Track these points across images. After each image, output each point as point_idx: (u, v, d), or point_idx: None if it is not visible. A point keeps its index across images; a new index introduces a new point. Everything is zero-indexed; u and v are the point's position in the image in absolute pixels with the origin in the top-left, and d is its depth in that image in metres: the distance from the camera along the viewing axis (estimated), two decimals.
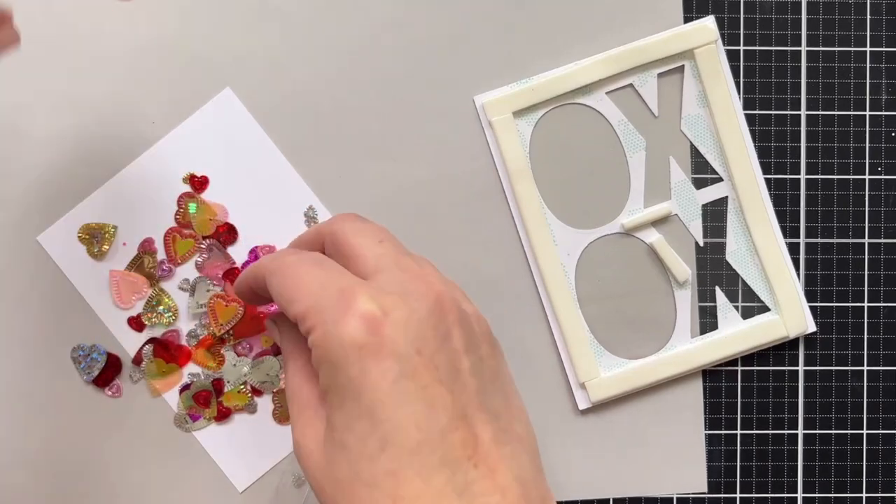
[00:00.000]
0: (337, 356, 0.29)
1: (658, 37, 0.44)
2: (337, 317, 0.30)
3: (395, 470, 0.29)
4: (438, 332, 0.30)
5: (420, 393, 0.29)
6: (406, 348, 0.29)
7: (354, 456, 0.29)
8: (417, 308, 0.30)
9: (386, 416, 0.29)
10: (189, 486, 0.43)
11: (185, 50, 0.43)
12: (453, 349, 0.31)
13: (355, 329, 0.29)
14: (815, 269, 0.44)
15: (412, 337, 0.30)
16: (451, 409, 0.30)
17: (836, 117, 0.44)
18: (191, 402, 0.43)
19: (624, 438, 0.44)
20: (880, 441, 0.44)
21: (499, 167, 0.44)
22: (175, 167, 0.43)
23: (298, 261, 0.33)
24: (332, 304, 0.30)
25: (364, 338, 0.29)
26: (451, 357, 0.30)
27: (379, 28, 0.44)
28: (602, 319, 0.44)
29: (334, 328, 0.30)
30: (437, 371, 0.30)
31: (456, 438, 0.29)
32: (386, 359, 0.29)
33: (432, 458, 0.29)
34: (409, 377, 0.29)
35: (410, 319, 0.30)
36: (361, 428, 0.29)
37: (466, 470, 0.29)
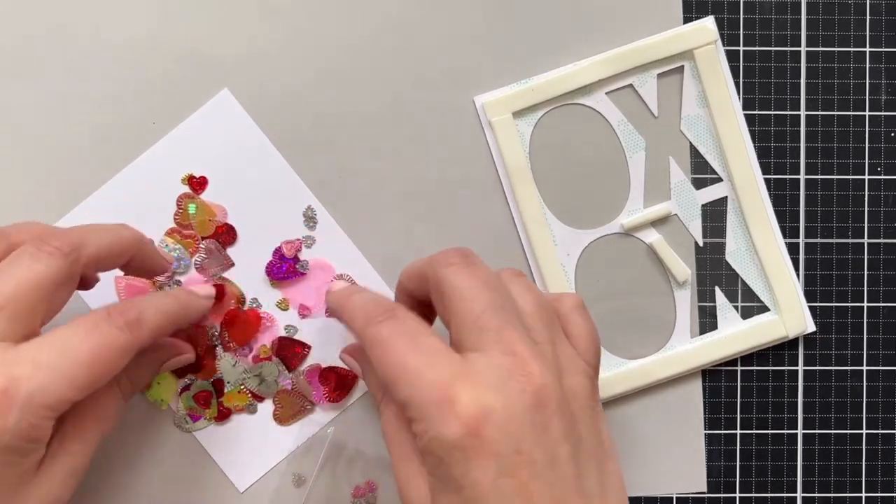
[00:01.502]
0: (440, 454, 0.30)
1: (658, 37, 0.44)
2: (440, 417, 0.30)
3: None
4: (537, 427, 0.31)
5: (519, 490, 0.30)
6: (506, 448, 0.30)
7: None
8: (517, 405, 0.31)
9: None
10: (190, 487, 0.43)
11: (182, 51, 0.43)
12: (552, 440, 0.31)
13: (457, 433, 0.30)
14: (814, 269, 0.44)
15: (512, 436, 0.30)
16: (550, 498, 0.30)
17: (836, 117, 0.44)
18: (191, 402, 0.43)
19: (624, 438, 0.44)
20: (879, 441, 0.44)
21: (499, 167, 0.44)
22: (174, 168, 0.43)
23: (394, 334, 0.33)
24: (434, 401, 0.30)
25: (466, 440, 0.30)
26: (550, 448, 0.31)
27: (379, 28, 0.44)
28: (602, 319, 0.44)
29: (437, 428, 0.30)
30: (535, 466, 0.30)
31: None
32: (487, 459, 0.30)
33: None
34: (508, 475, 0.30)
35: (510, 419, 0.30)
36: None
37: None
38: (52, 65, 0.43)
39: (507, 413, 0.30)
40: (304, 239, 0.43)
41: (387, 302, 0.35)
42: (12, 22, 0.43)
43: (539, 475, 0.30)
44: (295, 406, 0.43)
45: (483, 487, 0.30)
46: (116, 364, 0.33)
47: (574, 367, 0.33)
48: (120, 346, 0.33)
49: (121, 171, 0.43)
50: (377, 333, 0.33)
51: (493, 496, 0.30)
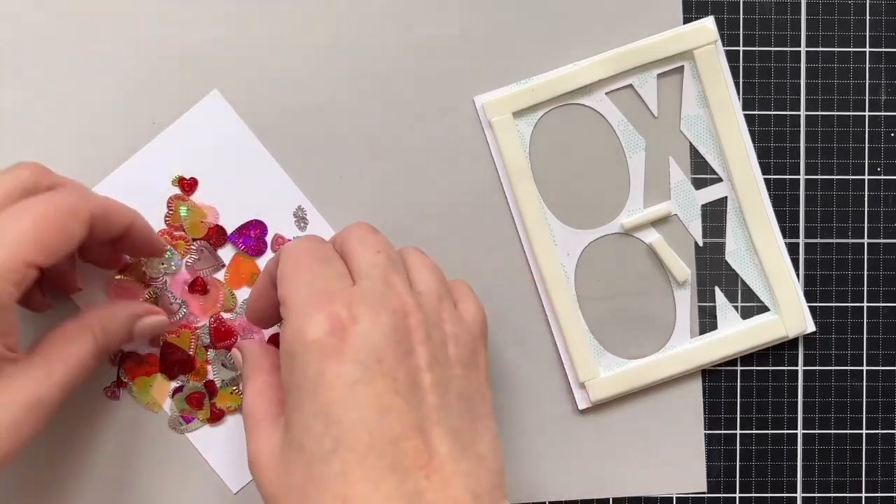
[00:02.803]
0: (298, 351, 0.31)
1: (658, 37, 0.44)
2: (308, 314, 0.31)
3: (344, 472, 0.30)
4: (401, 347, 0.32)
5: (375, 400, 0.30)
6: (366, 356, 0.31)
7: (309, 457, 0.30)
8: (385, 322, 0.32)
9: (339, 417, 0.30)
10: (183, 488, 0.43)
11: (171, 52, 0.43)
12: (415, 365, 0.32)
13: (319, 328, 0.31)
14: (814, 270, 0.45)
15: (374, 346, 0.31)
16: (406, 419, 0.31)
17: (836, 118, 0.45)
18: (184, 404, 0.43)
19: (623, 438, 0.44)
20: (879, 441, 0.44)
21: (499, 167, 0.44)
22: (164, 170, 0.43)
23: (307, 250, 0.34)
24: (311, 301, 0.32)
25: (326, 339, 0.31)
26: (412, 372, 0.32)
27: (378, 28, 0.44)
28: (602, 319, 0.44)
29: (302, 324, 0.31)
30: (394, 382, 0.31)
31: (408, 447, 0.30)
32: (345, 363, 0.30)
33: (381, 463, 0.30)
34: (365, 383, 0.30)
35: (375, 330, 0.31)
36: (317, 427, 0.30)
37: (417, 479, 0.30)
38: (46, 65, 0.43)
39: (373, 324, 0.31)
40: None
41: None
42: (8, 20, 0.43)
43: (398, 392, 0.31)
44: None
45: (337, 391, 0.30)
46: (69, 228, 0.34)
47: (457, 322, 0.34)
48: (71, 210, 0.34)
49: (110, 173, 0.43)
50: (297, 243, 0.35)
51: (347, 401, 0.30)
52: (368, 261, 0.34)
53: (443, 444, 0.31)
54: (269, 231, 0.43)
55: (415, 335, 0.32)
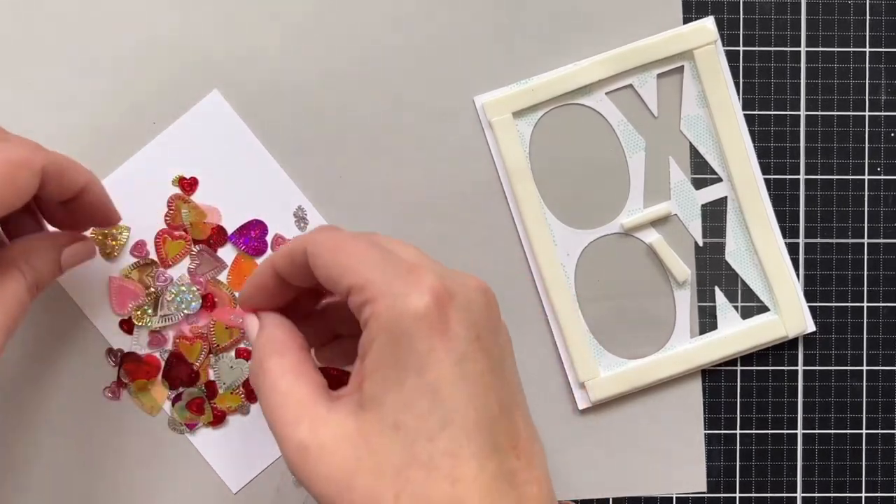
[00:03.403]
0: (405, 329, 0.29)
1: (657, 37, 0.44)
2: (407, 290, 0.29)
3: (454, 450, 0.28)
4: (491, 324, 0.31)
5: (479, 378, 0.29)
6: (468, 332, 0.30)
7: (412, 436, 0.28)
8: (475, 297, 0.31)
9: (449, 395, 0.29)
10: (183, 488, 0.43)
11: (171, 52, 0.43)
12: (502, 342, 0.31)
13: (427, 305, 0.29)
14: (814, 269, 0.45)
15: (473, 322, 0.30)
16: (501, 398, 0.30)
17: (836, 118, 0.45)
18: (185, 412, 0.43)
19: (623, 438, 0.44)
20: (879, 441, 0.44)
21: (499, 167, 0.44)
22: (164, 170, 0.43)
23: (348, 236, 0.32)
24: (401, 277, 0.30)
25: (435, 314, 0.29)
26: (501, 350, 0.31)
27: (378, 28, 0.44)
28: (602, 319, 0.44)
29: (404, 302, 0.29)
30: (491, 359, 0.30)
31: (503, 427, 0.30)
32: (452, 339, 0.29)
33: (487, 443, 0.29)
34: (470, 360, 0.29)
35: (472, 306, 0.30)
36: (422, 406, 0.29)
37: (511, 459, 0.30)
38: (46, 65, 0.43)
39: (468, 300, 0.30)
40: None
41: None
42: (8, 21, 0.43)
43: (493, 370, 0.30)
44: None
45: (447, 368, 0.29)
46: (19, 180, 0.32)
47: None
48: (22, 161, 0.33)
49: (110, 173, 0.43)
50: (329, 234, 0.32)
51: (456, 378, 0.29)
52: (410, 251, 0.32)
53: (524, 425, 0.31)
54: (269, 231, 0.43)
55: (496, 310, 0.32)
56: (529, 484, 0.30)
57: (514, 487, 0.29)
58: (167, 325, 0.43)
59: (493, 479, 0.29)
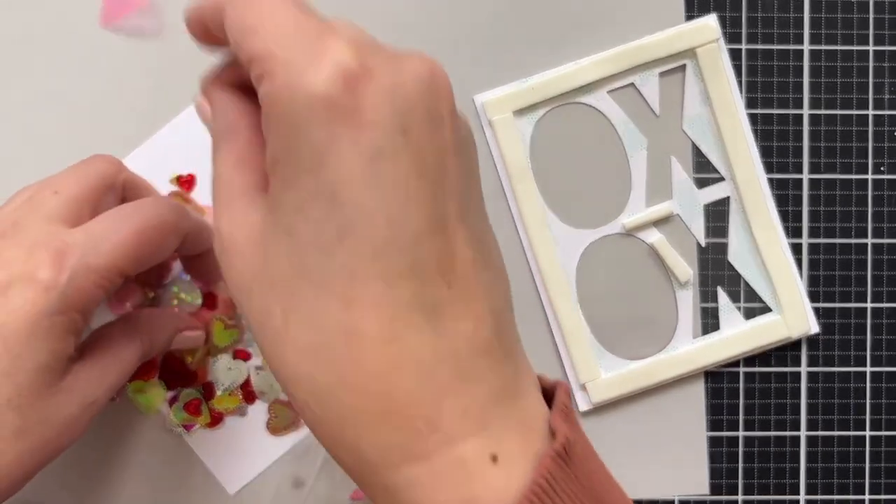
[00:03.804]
0: (299, 112, 0.23)
1: (660, 35, 0.43)
2: (306, 63, 0.23)
3: (353, 268, 0.24)
4: (430, 116, 0.25)
5: (399, 182, 0.24)
6: (390, 122, 0.24)
7: (302, 246, 0.24)
8: (409, 79, 0.24)
9: (351, 199, 0.23)
10: (180, 490, 0.43)
11: (171, 51, 0.43)
12: (444, 141, 0.25)
13: (328, 80, 0.23)
14: (817, 270, 0.44)
15: (399, 109, 0.24)
16: (431, 211, 0.24)
17: (839, 116, 0.44)
18: (182, 414, 0.42)
19: (625, 440, 0.44)
20: (883, 443, 0.44)
21: (499, 167, 0.43)
22: (162, 168, 0.43)
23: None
24: (304, 46, 0.24)
25: (338, 94, 0.23)
26: (440, 151, 0.25)
27: (378, 28, 0.43)
28: (603, 320, 0.44)
29: (300, 77, 0.23)
30: (422, 161, 0.24)
31: (431, 247, 0.24)
32: (363, 129, 0.23)
33: (400, 262, 0.24)
34: (388, 157, 0.23)
35: (399, 89, 0.24)
36: (317, 210, 0.24)
37: (438, 287, 0.24)
38: (46, 65, 0.43)
39: (396, 82, 0.24)
40: None
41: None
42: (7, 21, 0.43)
43: (424, 174, 0.24)
44: (289, 418, 0.43)
45: (350, 166, 0.23)
46: (164, 239, 0.33)
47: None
48: (167, 221, 0.33)
49: None
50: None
51: (363, 180, 0.23)
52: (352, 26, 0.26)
53: (466, 248, 0.25)
54: None
55: (443, 102, 0.25)
56: (461, 320, 0.25)
57: (433, 320, 0.24)
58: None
59: (404, 306, 0.24)
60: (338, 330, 0.24)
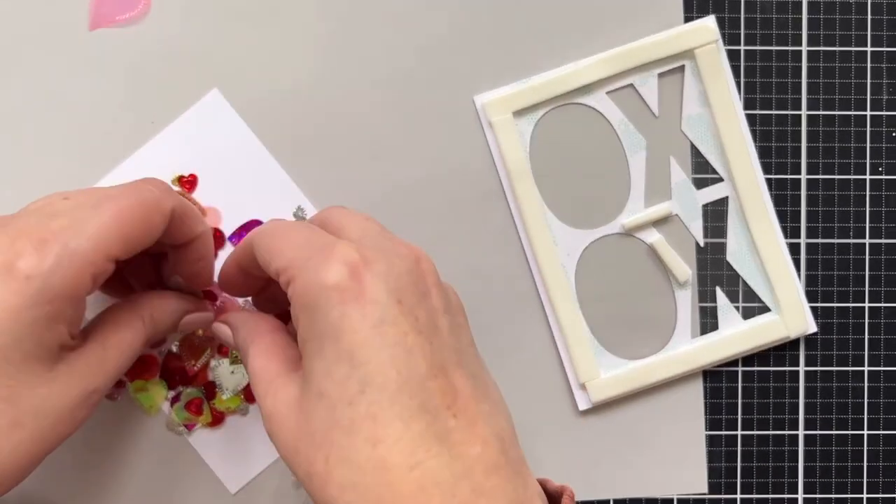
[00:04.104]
0: (317, 300, 0.30)
1: (658, 36, 0.44)
2: (319, 264, 0.30)
3: (374, 413, 0.29)
4: (418, 289, 0.31)
5: (401, 339, 0.30)
6: (387, 297, 0.30)
7: (333, 401, 0.29)
8: (398, 264, 0.31)
9: (366, 358, 0.29)
10: (181, 489, 0.43)
11: (171, 51, 0.43)
12: (432, 306, 0.31)
13: (337, 273, 0.30)
14: (815, 270, 0.44)
15: (393, 287, 0.30)
16: (431, 358, 0.30)
17: (837, 117, 0.44)
18: (184, 413, 0.43)
19: (624, 439, 0.44)
20: (881, 442, 0.44)
21: (499, 167, 0.44)
22: (163, 169, 0.43)
23: (287, 223, 0.34)
24: (315, 253, 0.31)
25: (345, 282, 0.30)
26: (431, 313, 0.31)
27: (378, 28, 0.44)
28: (602, 319, 0.44)
29: (315, 274, 0.30)
30: (416, 322, 0.30)
31: (435, 387, 0.30)
32: (367, 304, 0.30)
33: (412, 403, 0.29)
34: (389, 323, 0.30)
35: (391, 272, 0.31)
36: (340, 371, 0.29)
37: (446, 419, 0.30)
38: (46, 65, 0.43)
39: (389, 266, 0.31)
40: None
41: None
42: (5, 20, 0.43)
43: (421, 332, 0.30)
44: None
45: (362, 333, 0.29)
46: (149, 217, 0.33)
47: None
48: (149, 198, 0.34)
49: (110, 171, 0.43)
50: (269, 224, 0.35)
51: (373, 342, 0.29)
52: (360, 225, 0.33)
53: (465, 384, 0.31)
54: None
55: (428, 278, 0.32)
56: (470, 444, 0.30)
57: (446, 446, 0.29)
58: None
59: (420, 438, 0.29)
60: (370, 465, 0.29)
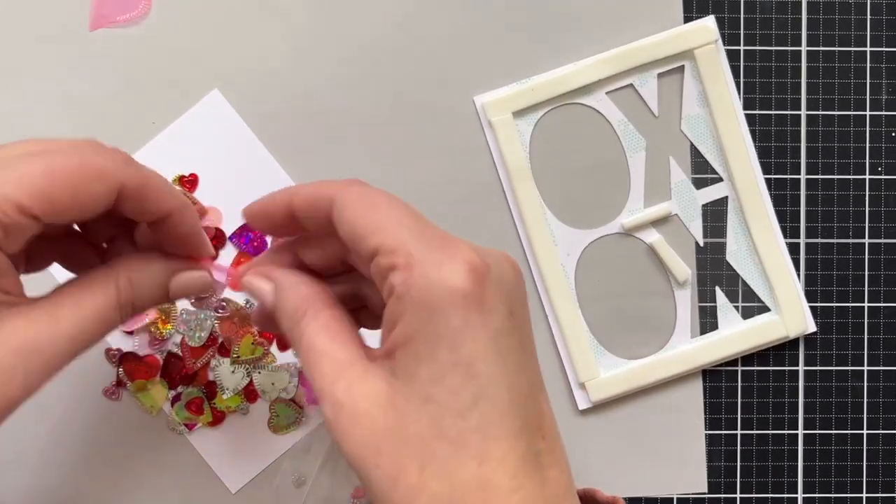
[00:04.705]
0: (440, 301, 0.28)
1: (658, 37, 0.44)
2: (442, 261, 0.28)
3: (485, 429, 0.27)
4: (521, 300, 0.30)
5: (512, 354, 0.29)
6: (503, 307, 0.29)
7: (441, 410, 0.27)
8: (507, 270, 0.30)
9: (482, 371, 0.28)
10: (182, 488, 0.43)
11: (171, 52, 0.43)
12: (528, 319, 0.30)
13: (464, 277, 0.28)
14: (815, 269, 0.44)
15: (505, 296, 0.29)
16: (530, 377, 0.29)
17: (837, 117, 0.44)
18: (184, 412, 0.43)
19: (624, 438, 0.44)
20: (880, 441, 0.44)
21: (499, 167, 0.44)
22: (164, 169, 0.42)
23: (389, 197, 0.31)
24: (436, 247, 0.29)
25: (471, 287, 0.28)
26: (529, 328, 0.30)
27: (379, 28, 0.44)
28: (602, 319, 0.44)
29: (439, 272, 0.28)
30: (522, 336, 0.29)
31: (533, 407, 0.29)
32: (487, 313, 0.28)
33: (516, 422, 0.28)
34: (505, 335, 0.28)
35: (503, 279, 0.29)
36: (454, 380, 0.28)
37: (538, 440, 0.29)
38: (47, 65, 0.43)
39: (501, 273, 0.29)
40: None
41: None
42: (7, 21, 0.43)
43: (524, 347, 0.29)
44: (290, 417, 0.43)
45: (482, 344, 0.28)
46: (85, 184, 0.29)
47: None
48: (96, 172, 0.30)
49: None
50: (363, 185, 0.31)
51: (490, 356, 0.28)
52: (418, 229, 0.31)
53: (547, 405, 0.30)
54: None
55: (524, 288, 0.31)
56: (552, 467, 0.29)
57: (539, 469, 0.28)
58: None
59: (521, 459, 0.28)
60: (473, 483, 0.27)
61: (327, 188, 0.31)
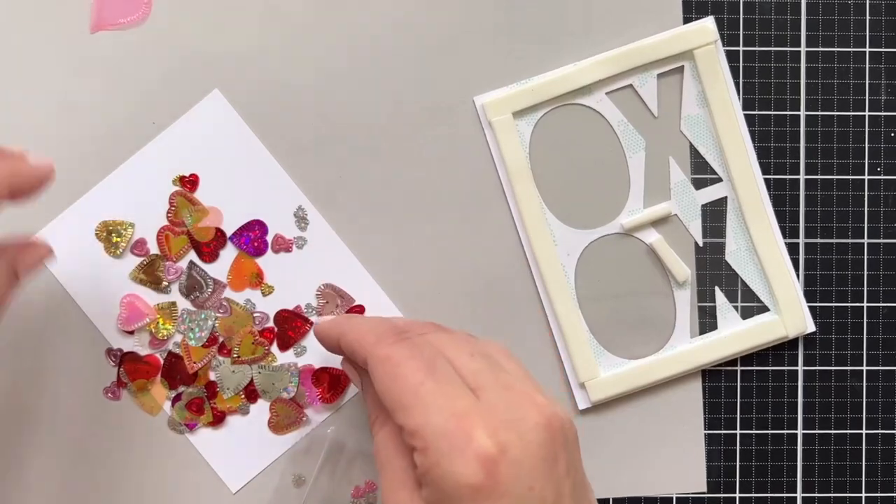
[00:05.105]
0: (450, 492, 0.29)
1: (658, 37, 0.44)
2: (454, 451, 0.30)
3: None
4: (548, 462, 0.30)
5: None
6: (519, 486, 0.30)
7: None
8: (532, 440, 0.30)
9: None
10: (183, 488, 0.43)
11: (172, 52, 0.43)
12: (559, 475, 0.31)
13: (474, 471, 0.29)
14: (814, 270, 0.44)
15: (526, 473, 0.30)
16: None
17: (836, 118, 0.45)
18: (185, 412, 0.43)
19: (623, 438, 0.44)
20: (879, 441, 0.44)
21: (499, 167, 0.44)
22: (164, 169, 0.43)
23: (410, 358, 0.32)
24: (449, 431, 0.30)
25: (480, 481, 0.29)
26: (557, 484, 0.31)
27: (378, 28, 0.44)
28: (602, 319, 0.44)
29: (450, 464, 0.29)
30: (543, 502, 0.30)
31: None
32: (499, 499, 0.29)
33: None
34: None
35: (525, 456, 0.30)
36: None
37: None
38: (47, 65, 0.43)
39: (523, 449, 0.30)
40: (296, 240, 0.43)
41: (398, 323, 0.35)
42: (8, 22, 0.43)
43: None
44: (290, 417, 0.43)
45: None
46: None
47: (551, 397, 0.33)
48: None
49: (112, 171, 0.43)
50: (390, 353, 0.32)
51: None
52: (471, 368, 0.32)
53: None
54: (270, 231, 0.43)
55: (557, 443, 0.31)
56: None
57: None
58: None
59: None
60: None
61: (361, 347, 0.34)
